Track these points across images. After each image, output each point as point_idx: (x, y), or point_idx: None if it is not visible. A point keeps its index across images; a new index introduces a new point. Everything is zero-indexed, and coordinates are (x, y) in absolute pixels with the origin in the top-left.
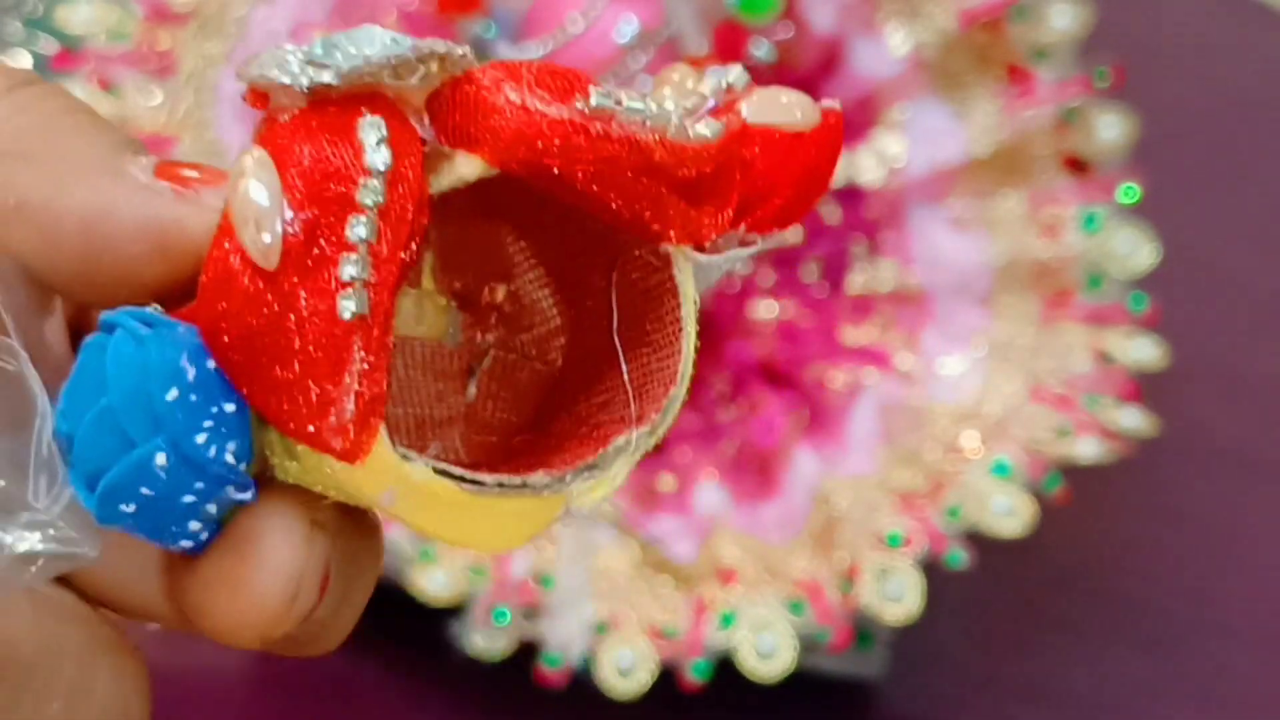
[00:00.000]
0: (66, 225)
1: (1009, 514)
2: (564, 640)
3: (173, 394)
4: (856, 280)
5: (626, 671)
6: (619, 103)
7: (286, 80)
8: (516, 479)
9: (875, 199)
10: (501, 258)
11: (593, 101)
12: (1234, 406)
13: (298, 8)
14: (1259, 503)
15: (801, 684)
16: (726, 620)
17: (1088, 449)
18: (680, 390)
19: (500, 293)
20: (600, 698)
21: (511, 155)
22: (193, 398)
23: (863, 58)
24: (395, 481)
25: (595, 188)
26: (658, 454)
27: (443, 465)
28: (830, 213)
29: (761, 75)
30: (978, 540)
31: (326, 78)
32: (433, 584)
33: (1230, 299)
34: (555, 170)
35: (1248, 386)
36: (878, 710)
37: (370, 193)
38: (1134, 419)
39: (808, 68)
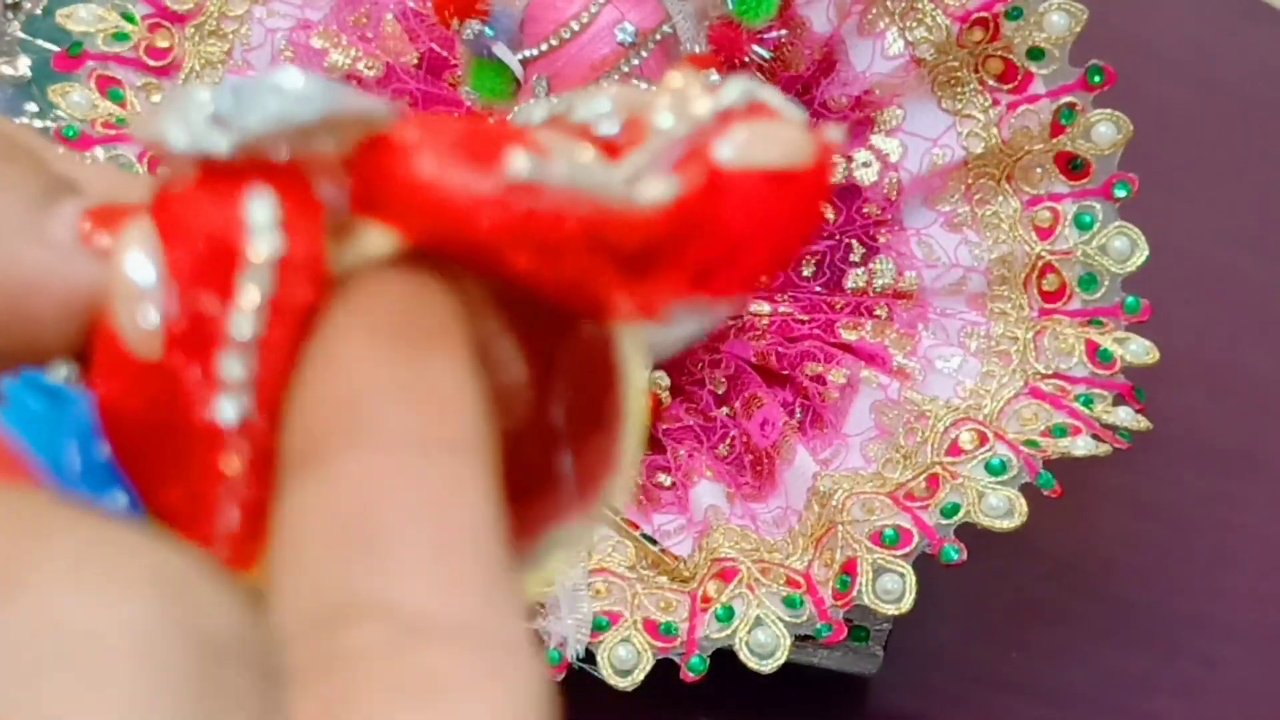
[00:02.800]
0: None
1: (1003, 511)
2: (563, 637)
3: (56, 487)
4: (853, 279)
5: (624, 669)
6: (549, 168)
7: (180, 144)
8: None
9: (872, 198)
10: (464, 301)
11: (520, 170)
12: (1226, 404)
13: (298, 7)
14: (1251, 499)
15: (797, 678)
16: (723, 616)
17: (1081, 446)
18: (619, 479)
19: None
20: (598, 690)
21: (425, 233)
22: (78, 489)
23: (859, 58)
24: None
25: (523, 266)
26: (656, 452)
27: None
28: (827, 212)
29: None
30: (972, 536)
31: (219, 147)
32: None
33: (1224, 298)
34: (475, 249)
35: (1240, 384)
36: (873, 704)
37: (255, 284)
38: (1127, 417)
39: (805, 68)
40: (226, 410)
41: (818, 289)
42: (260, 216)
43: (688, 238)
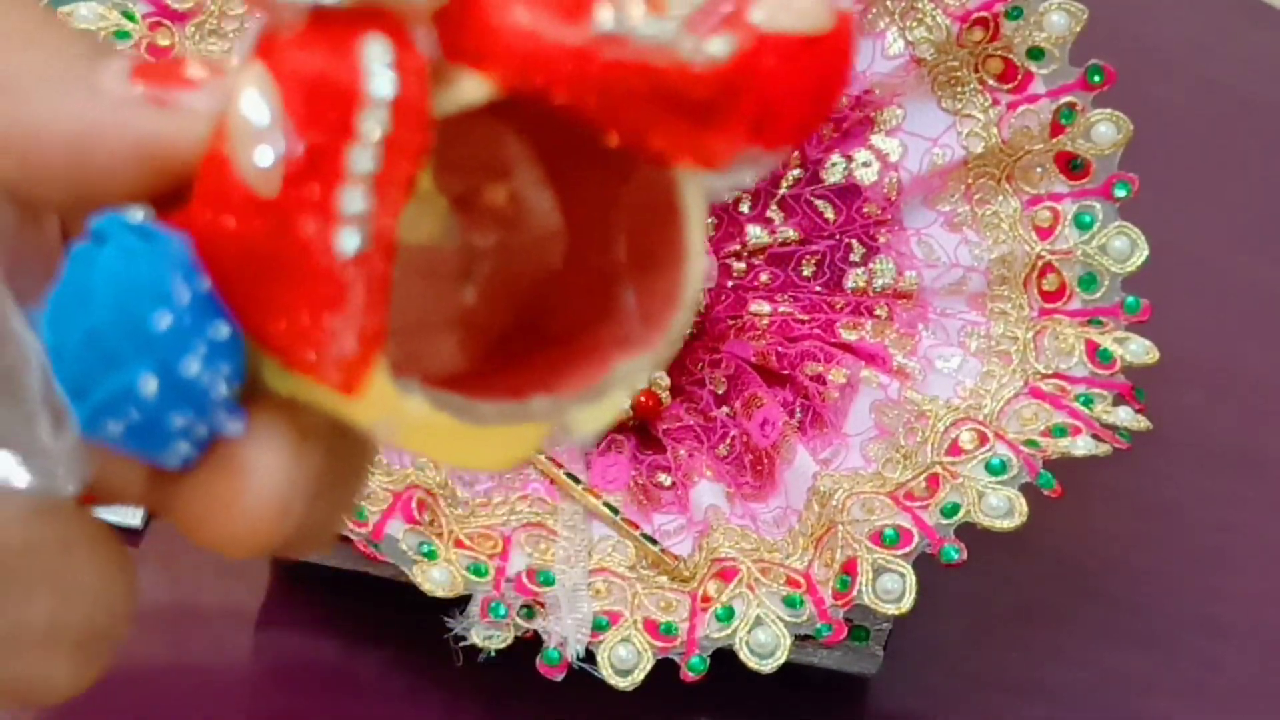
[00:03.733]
0: (48, 155)
1: (1004, 511)
2: (563, 637)
3: (164, 319)
4: (853, 279)
5: (625, 669)
6: (632, 24)
7: None
8: (516, 406)
9: (872, 198)
10: (502, 156)
11: (606, 24)
12: (1226, 404)
13: None
14: (1251, 499)
15: (797, 678)
16: (724, 616)
17: (1081, 446)
18: (684, 317)
19: (500, 194)
20: (599, 689)
21: (520, 80)
22: (185, 321)
23: (859, 58)
24: (392, 414)
25: (604, 114)
26: (656, 452)
27: (441, 396)
28: (827, 212)
29: None
30: (972, 536)
31: None
32: (432, 581)
33: (1224, 298)
34: (564, 97)
35: (1240, 384)
36: (872, 704)
37: (375, 121)
38: (1127, 417)
39: None
40: (348, 242)
41: (818, 289)
42: (378, 58)
43: (744, 91)
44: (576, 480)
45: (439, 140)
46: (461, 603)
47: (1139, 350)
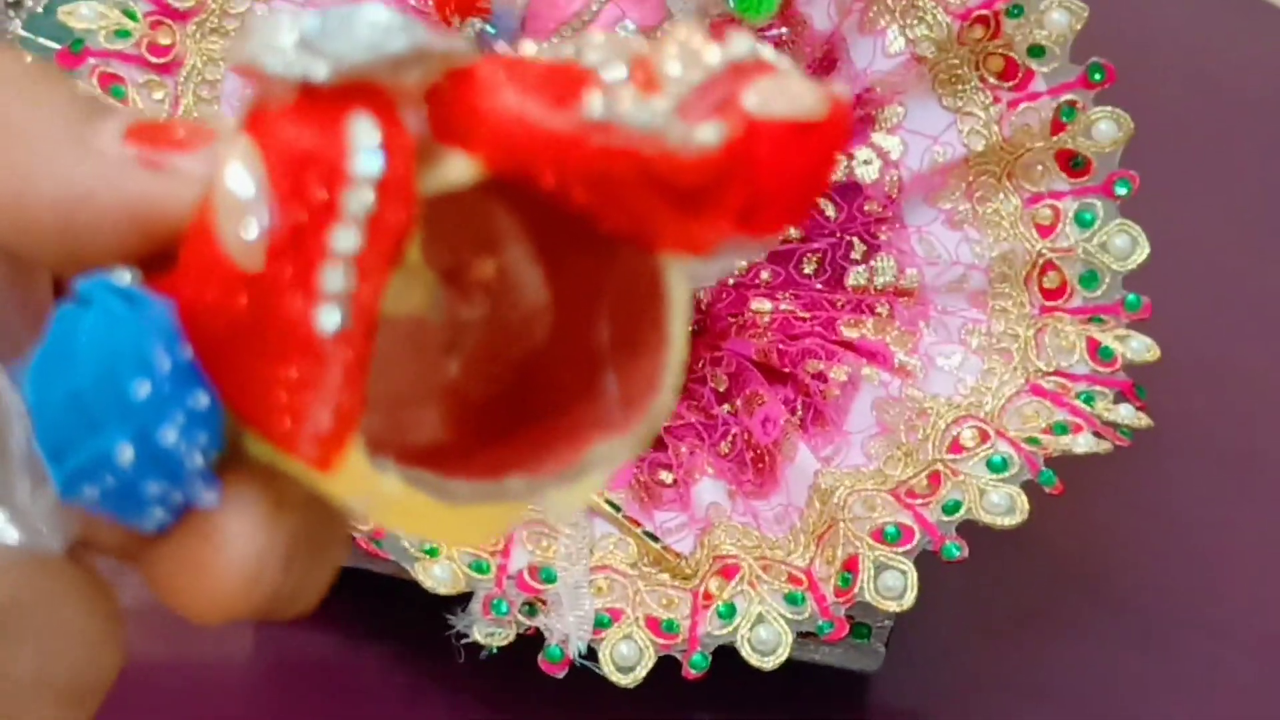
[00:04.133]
0: (40, 216)
1: (1005, 508)
2: (565, 634)
3: (144, 388)
4: (854, 277)
5: (626, 666)
6: (621, 111)
7: (278, 70)
8: (492, 486)
9: (873, 196)
10: (491, 230)
11: (595, 111)
12: (1226, 404)
13: (299, 5)
14: (1252, 498)
15: (799, 675)
16: (725, 613)
17: (1083, 444)
18: (663, 401)
19: (489, 267)
20: (601, 686)
21: (506, 163)
22: (164, 390)
23: (860, 55)
24: (366, 491)
25: (591, 200)
26: (657, 449)
27: (416, 474)
28: (828, 209)
29: None
30: (973, 534)
31: (319, 74)
32: (434, 578)
33: (1224, 297)
34: (550, 182)
35: (1240, 384)
36: (873, 702)
37: (360, 201)
38: (1128, 414)
39: (806, 65)
40: (328, 319)
41: (819, 286)
42: (365, 137)
43: (733, 180)
44: None
45: (428, 213)
46: (463, 600)
47: (1140, 348)
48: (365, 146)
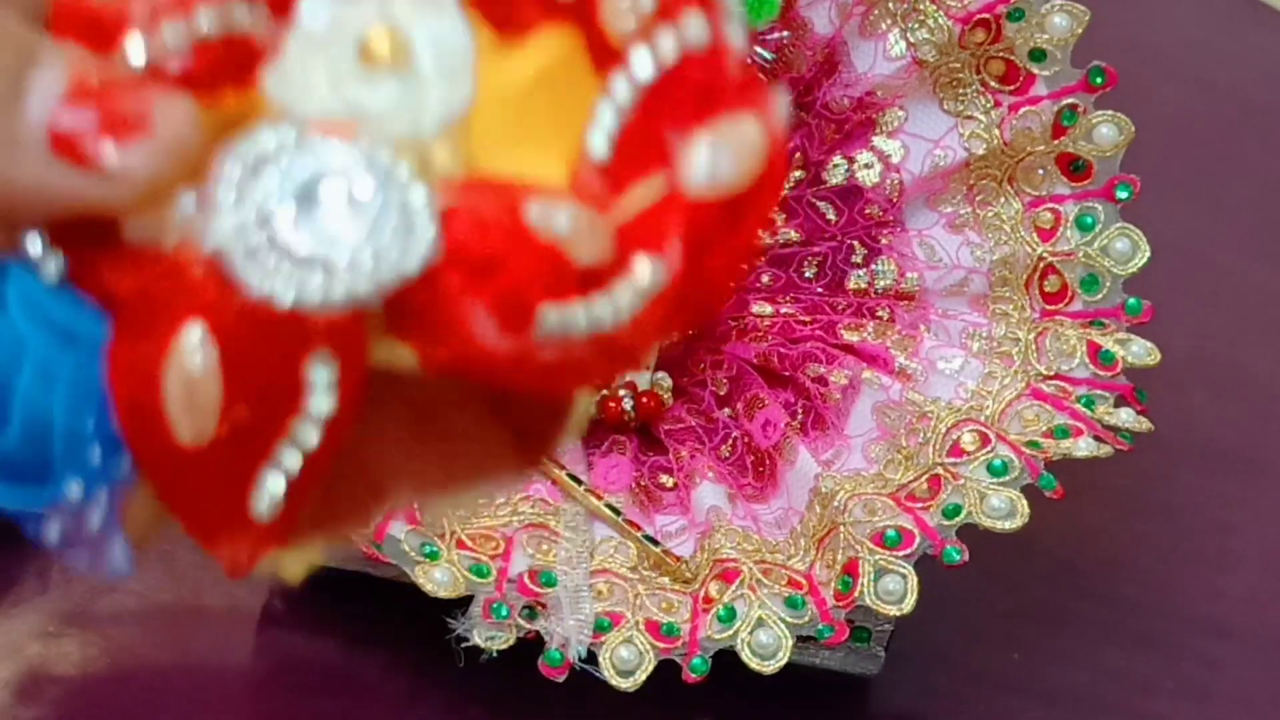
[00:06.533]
0: None
1: (1005, 512)
2: (565, 638)
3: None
4: (855, 280)
5: (627, 670)
6: (576, 324)
7: (253, 283)
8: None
9: (874, 199)
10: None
11: (551, 325)
12: (1226, 405)
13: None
14: (1252, 500)
15: (799, 679)
16: (725, 617)
17: (1083, 447)
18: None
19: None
20: (601, 690)
21: (453, 366)
22: (89, 460)
23: (861, 59)
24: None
25: (533, 388)
26: (658, 453)
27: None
28: (829, 213)
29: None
30: (974, 537)
31: (283, 300)
32: (434, 582)
33: (1224, 298)
34: (497, 384)
35: (1240, 385)
36: (874, 705)
37: (306, 433)
38: (1129, 418)
39: (807, 69)
40: (262, 505)
41: (819, 290)
42: (321, 378)
43: (661, 313)
44: (578, 481)
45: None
46: (463, 604)
47: (1140, 351)
48: (320, 386)
